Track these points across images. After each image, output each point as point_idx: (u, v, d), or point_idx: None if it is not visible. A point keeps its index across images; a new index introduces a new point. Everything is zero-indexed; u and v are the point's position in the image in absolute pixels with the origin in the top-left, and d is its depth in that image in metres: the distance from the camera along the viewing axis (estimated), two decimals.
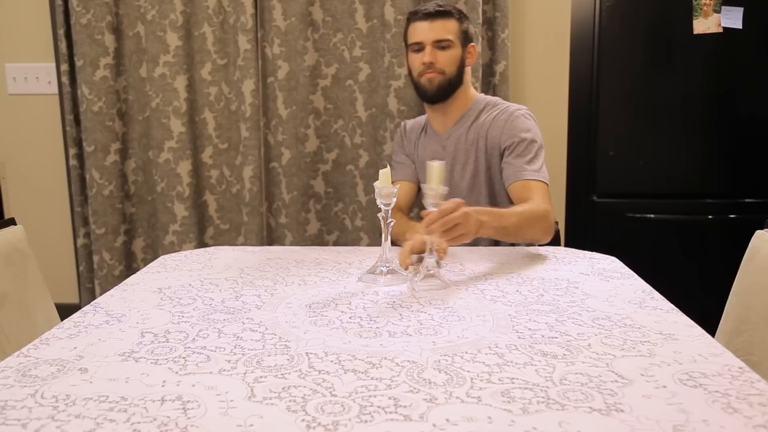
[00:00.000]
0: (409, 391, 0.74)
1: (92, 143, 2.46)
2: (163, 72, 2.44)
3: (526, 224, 1.41)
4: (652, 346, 0.87)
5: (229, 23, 2.44)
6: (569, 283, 1.19)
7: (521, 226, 1.40)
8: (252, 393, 0.74)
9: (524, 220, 1.41)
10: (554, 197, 2.56)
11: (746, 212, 2.44)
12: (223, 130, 2.53)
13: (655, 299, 1.09)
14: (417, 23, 1.67)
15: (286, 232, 2.52)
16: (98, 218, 2.50)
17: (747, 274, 1.21)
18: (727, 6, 2.32)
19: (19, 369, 0.82)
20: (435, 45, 1.65)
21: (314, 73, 2.46)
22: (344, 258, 1.42)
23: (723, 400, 0.70)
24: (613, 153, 2.46)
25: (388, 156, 2.44)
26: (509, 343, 0.89)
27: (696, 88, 2.41)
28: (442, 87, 1.67)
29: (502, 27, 2.38)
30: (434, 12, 1.65)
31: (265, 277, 1.26)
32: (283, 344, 0.90)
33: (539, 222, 1.45)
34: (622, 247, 1.82)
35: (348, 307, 1.07)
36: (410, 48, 1.71)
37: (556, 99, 2.54)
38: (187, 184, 2.49)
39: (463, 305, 1.07)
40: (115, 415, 0.69)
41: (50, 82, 2.57)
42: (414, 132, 1.85)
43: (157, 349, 0.88)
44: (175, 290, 1.18)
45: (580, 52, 2.49)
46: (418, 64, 1.67)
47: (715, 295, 1.42)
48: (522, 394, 0.73)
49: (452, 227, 1.16)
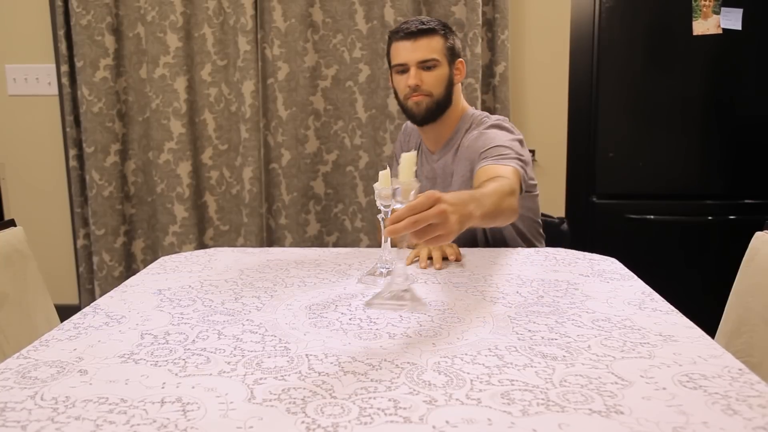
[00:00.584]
0: (409, 393, 0.74)
1: (92, 144, 2.47)
2: (163, 73, 2.44)
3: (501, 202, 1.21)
4: (651, 347, 0.87)
5: (229, 24, 2.44)
6: (569, 285, 1.19)
7: (499, 205, 1.20)
8: (252, 395, 0.74)
9: (500, 198, 1.21)
10: (554, 198, 2.58)
11: (746, 213, 2.44)
12: (223, 131, 2.53)
13: (655, 301, 1.09)
14: (399, 43, 1.55)
15: (285, 234, 2.52)
16: (98, 219, 2.50)
17: (747, 275, 1.21)
18: (727, 7, 2.32)
19: (19, 370, 0.82)
20: (420, 66, 1.54)
21: (314, 74, 2.46)
22: (344, 259, 1.42)
23: (723, 401, 0.70)
24: (613, 154, 2.46)
25: (388, 157, 2.44)
26: (509, 345, 0.89)
27: (695, 90, 2.41)
28: (430, 109, 1.57)
29: (501, 28, 2.38)
30: (417, 30, 1.53)
31: (264, 279, 1.26)
32: (283, 346, 0.89)
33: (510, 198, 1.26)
34: (621, 249, 1.82)
35: (348, 309, 1.07)
36: (394, 69, 1.59)
37: (555, 100, 2.54)
38: (187, 185, 2.49)
39: (462, 307, 1.07)
40: (115, 417, 0.69)
41: (50, 83, 2.57)
42: (414, 136, 1.79)
43: (156, 351, 0.88)
44: (174, 292, 1.18)
45: (579, 53, 2.49)
46: (403, 86, 1.56)
47: (714, 297, 1.42)
48: (522, 395, 0.73)
49: (425, 228, 0.92)
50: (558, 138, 2.57)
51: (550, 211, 1.92)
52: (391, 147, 2.44)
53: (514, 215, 1.29)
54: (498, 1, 2.37)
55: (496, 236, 1.60)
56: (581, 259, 1.39)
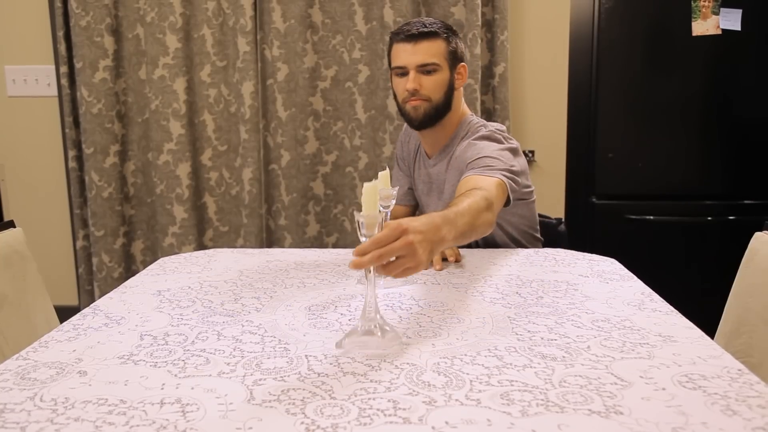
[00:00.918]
0: (409, 394, 0.74)
1: (91, 145, 2.47)
2: (163, 74, 2.44)
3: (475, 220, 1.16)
4: (651, 348, 0.87)
5: (228, 25, 2.44)
6: (568, 285, 1.19)
7: (473, 224, 1.15)
8: (251, 395, 0.74)
9: (475, 215, 1.16)
10: (554, 198, 2.58)
11: (745, 214, 2.44)
12: (223, 132, 2.53)
13: (655, 301, 1.09)
14: (400, 45, 1.51)
15: (285, 234, 2.52)
16: (97, 220, 2.50)
17: (746, 275, 1.21)
18: (726, 8, 2.32)
19: (18, 372, 0.82)
20: (419, 70, 1.50)
21: (314, 75, 2.46)
22: (344, 260, 1.42)
23: (722, 402, 0.70)
24: (613, 155, 2.46)
25: (387, 158, 2.44)
26: (508, 346, 0.89)
27: (695, 90, 2.41)
28: (428, 115, 1.53)
29: (501, 29, 2.38)
30: (418, 33, 1.48)
31: (264, 280, 1.26)
32: (283, 347, 0.89)
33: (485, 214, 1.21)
34: (621, 249, 1.82)
35: (347, 310, 1.07)
36: (394, 71, 1.55)
37: (555, 101, 2.54)
38: (187, 186, 2.49)
39: (462, 307, 1.07)
40: (114, 418, 0.69)
41: (50, 84, 2.57)
42: (414, 138, 1.75)
43: (156, 352, 0.88)
44: (174, 293, 1.18)
45: (579, 54, 2.49)
46: (402, 89, 1.52)
47: (714, 297, 1.42)
48: (521, 396, 0.73)
49: (394, 261, 0.87)
50: (557, 139, 2.57)
51: (549, 212, 1.92)
52: (390, 148, 2.45)
53: (490, 228, 1.25)
54: (497, 2, 2.37)
55: (489, 243, 1.59)
56: (581, 260, 1.39)
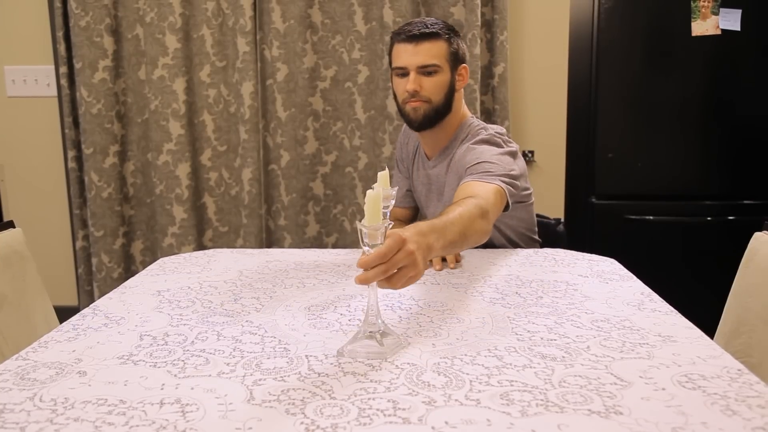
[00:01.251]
0: (408, 394, 0.74)
1: (91, 145, 2.47)
2: (162, 74, 2.44)
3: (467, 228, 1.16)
4: (650, 348, 0.87)
5: (228, 26, 2.44)
6: (568, 285, 1.19)
7: (465, 233, 1.15)
8: (251, 396, 0.74)
9: (467, 224, 1.15)
10: (553, 198, 2.58)
11: (745, 214, 2.44)
12: (222, 132, 2.53)
13: (654, 301, 1.09)
14: (401, 45, 1.49)
15: (285, 235, 2.52)
16: (97, 220, 2.50)
17: (746, 275, 1.21)
18: (726, 8, 2.32)
19: (18, 372, 0.81)
20: (420, 71, 1.48)
21: (313, 75, 2.46)
22: (343, 260, 1.42)
23: (722, 402, 0.70)
24: (612, 155, 2.46)
25: (387, 158, 2.44)
26: (508, 346, 0.89)
27: (694, 90, 2.41)
28: (428, 116, 1.52)
29: (500, 29, 2.38)
30: (419, 34, 1.46)
31: (264, 280, 1.26)
32: (283, 347, 0.89)
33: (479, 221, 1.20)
34: (621, 249, 1.83)
35: (347, 310, 1.07)
36: (394, 71, 1.54)
37: (555, 101, 2.54)
38: (186, 186, 2.49)
39: (462, 307, 1.07)
40: (114, 419, 0.68)
41: (49, 85, 2.57)
42: (413, 139, 1.74)
43: (156, 352, 0.88)
44: (173, 293, 1.18)
45: (578, 54, 2.49)
46: (402, 90, 1.51)
47: (713, 297, 1.42)
48: (521, 396, 0.73)
49: (396, 273, 0.87)
50: (557, 139, 2.57)
51: (549, 212, 1.91)
52: (390, 148, 2.45)
53: (485, 237, 1.24)
54: (497, 2, 2.37)
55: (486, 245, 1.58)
56: (580, 260, 1.39)
